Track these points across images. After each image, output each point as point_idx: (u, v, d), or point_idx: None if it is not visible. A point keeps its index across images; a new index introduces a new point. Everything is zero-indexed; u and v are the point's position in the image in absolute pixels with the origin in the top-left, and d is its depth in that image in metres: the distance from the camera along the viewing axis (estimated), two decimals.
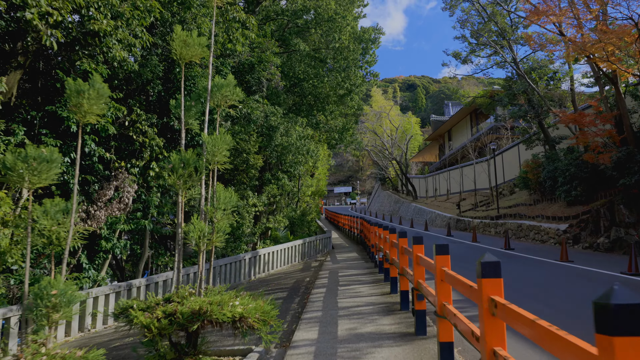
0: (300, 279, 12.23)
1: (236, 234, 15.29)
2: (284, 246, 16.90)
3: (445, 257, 4.21)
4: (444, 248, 4.23)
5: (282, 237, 19.98)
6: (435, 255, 4.28)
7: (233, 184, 15.72)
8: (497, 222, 23.74)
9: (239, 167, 14.98)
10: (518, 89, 21.83)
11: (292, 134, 15.77)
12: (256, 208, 16.50)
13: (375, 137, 56.42)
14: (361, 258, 15.77)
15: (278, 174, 17.31)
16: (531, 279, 10.28)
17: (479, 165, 34.15)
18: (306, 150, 16.57)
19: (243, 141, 14.23)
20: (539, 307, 7.18)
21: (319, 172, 26.98)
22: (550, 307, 7.23)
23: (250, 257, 14.80)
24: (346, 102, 18.85)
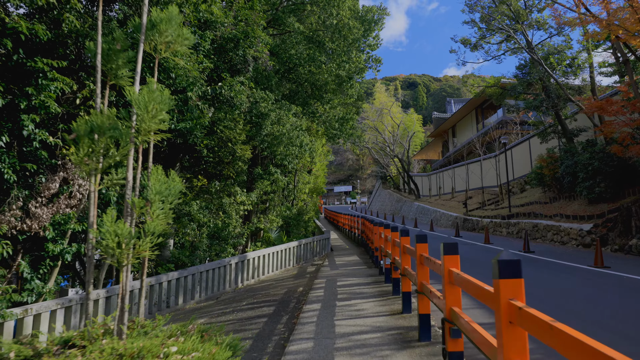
0: (293, 288, 10.44)
1: (221, 236, 13.51)
2: (276, 249, 15.12)
3: (519, 282, 2.48)
4: (514, 265, 2.51)
5: (275, 238, 18.20)
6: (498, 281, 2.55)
7: (218, 178, 13.93)
8: (509, 222, 21.95)
9: (224, 159, 13.20)
10: (533, 77, 20.02)
11: (285, 122, 13.98)
12: (245, 206, 14.71)
13: (376, 134, 54.64)
14: (363, 263, 13.99)
15: (270, 168, 15.52)
16: (571, 291, 8.50)
17: (486, 161, 32.35)
18: (300, 143, 14.78)
19: (228, 129, 12.45)
20: (605, 335, 5.39)
21: (317, 168, 25.17)
22: (626, 337, 5.43)
23: (237, 262, 13.03)
24: (345, 91, 17.06)
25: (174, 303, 10.80)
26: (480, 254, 15.04)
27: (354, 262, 14.15)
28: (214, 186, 13.07)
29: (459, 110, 43.57)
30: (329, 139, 18.43)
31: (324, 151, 26.77)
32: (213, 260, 13.48)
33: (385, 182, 65.54)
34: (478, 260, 13.52)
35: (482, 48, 21.61)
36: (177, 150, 12.57)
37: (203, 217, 12.96)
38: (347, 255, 16.67)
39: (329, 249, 19.16)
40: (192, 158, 12.98)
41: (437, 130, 51.26)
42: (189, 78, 9.05)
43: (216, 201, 13.30)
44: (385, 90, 71.71)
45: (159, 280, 10.26)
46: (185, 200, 12.60)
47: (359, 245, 21.11)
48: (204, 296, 11.73)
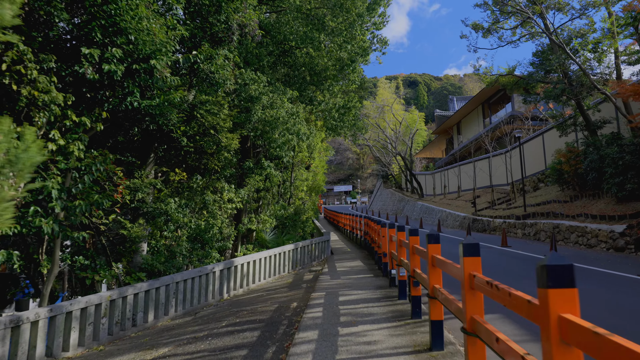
0: (285, 304, 8.62)
1: (205, 239, 11.68)
2: (269, 253, 13.30)
3: None
4: None
5: (270, 240, 16.37)
6: None
7: (201, 172, 12.10)
8: (525, 223, 20.14)
9: (207, 150, 11.36)
10: (552, 63, 18.19)
11: (279, 106, 12.16)
12: (233, 204, 12.89)
13: (378, 131, 52.82)
14: (368, 269, 12.17)
15: (262, 161, 13.69)
16: (631, 306, 6.67)
17: (496, 158, 30.53)
18: (296, 131, 12.95)
19: (210, 114, 10.62)
20: None
21: (316, 164, 23.33)
22: None
23: (222, 269, 11.22)
24: (347, 76, 15.24)
25: (143, 320, 8.97)
26: (501, 259, 13.21)
27: (357, 269, 12.32)
28: (196, 181, 11.24)
29: (464, 106, 41.75)
30: (329, 131, 16.63)
31: (323, 147, 24.93)
32: (195, 267, 11.66)
33: (387, 181, 63.71)
34: (499, 265, 11.69)
35: (497, 32, 19.78)
36: (151, 138, 10.75)
37: (183, 217, 11.15)
38: (349, 260, 14.84)
39: (328, 253, 17.33)
40: (169, 148, 11.15)
41: (441, 128, 49.44)
42: (155, 44, 7.20)
43: (198, 198, 11.47)
44: (388, 84, 70.00)
45: (122, 293, 8.43)
46: (160, 197, 10.77)
47: (361, 247, 19.29)
48: (181, 310, 9.90)
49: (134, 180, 10.01)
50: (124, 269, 10.76)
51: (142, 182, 10.17)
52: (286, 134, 11.91)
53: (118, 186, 8.97)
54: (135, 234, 10.21)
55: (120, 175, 8.87)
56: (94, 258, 9.99)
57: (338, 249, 19.29)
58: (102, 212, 8.94)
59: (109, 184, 8.85)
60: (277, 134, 11.90)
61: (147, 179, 10.51)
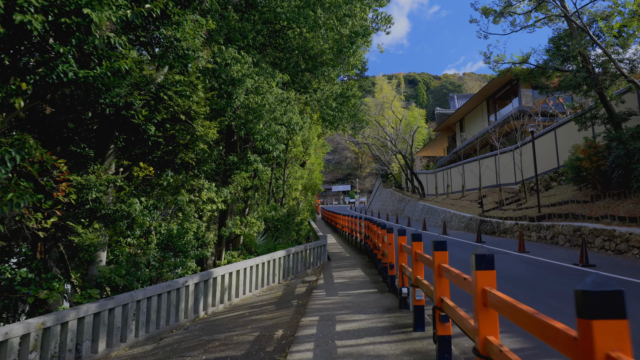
0: (268, 331, 6.83)
1: (177, 245, 9.88)
2: (256, 262, 11.52)
3: None
4: None
5: (259, 245, 14.59)
6: None
7: (174, 167, 10.29)
8: (540, 225, 18.38)
9: (179, 140, 9.55)
10: (571, 49, 16.45)
11: (266, 92, 10.36)
12: (214, 205, 11.08)
13: (377, 129, 51.06)
14: (370, 281, 10.39)
15: (248, 155, 11.88)
16: None
17: (504, 155, 28.79)
18: (287, 121, 11.16)
19: (181, 97, 8.81)
20: None
21: (312, 160, 21.53)
22: None
23: (198, 282, 9.42)
24: (346, 59, 13.46)
25: (91, 350, 7.15)
26: (522, 268, 11.44)
27: (358, 281, 10.53)
28: (166, 178, 9.44)
29: (468, 102, 40.02)
30: (326, 124, 14.85)
31: (319, 143, 23.12)
32: (166, 280, 9.86)
33: (386, 180, 61.97)
34: (522, 277, 9.91)
35: (509, 16, 18.01)
36: (111, 126, 8.94)
37: (150, 221, 9.34)
38: (348, 268, 13.06)
39: (325, 259, 15.54)
40: (133, 137, 9.34)
41: (443, 125, 47.69)
42: None
43: (170, 198, 9.67)
44: (387, 82, 68.33)
45: (61, 318, 6.62)
46: (120, 197, 8.96)
47: (361, 252, 17.51)
48: (144, 335, 8.09)
49: (87, 176, 8.21)
50: (79, 284, 8.97)
51: (96, 178, 8.36)
52: (272, 124, 10.11)
53: (60, 182, 7.18)
54: (89, 240, 8.40)
55: (63, 169, 7.08)
56: (40, 270, 8.19)
57: (336, 253, 17.51)
58: (40, 214, 7.15)
59: (47, 179, 7.05)
60: (261, 124, 10.10)
61: (104, 174, 8.71)
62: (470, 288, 3.10)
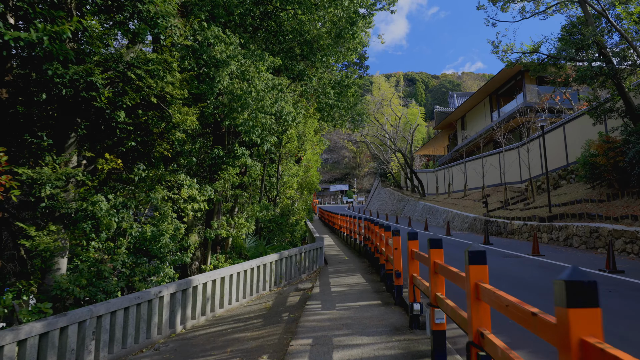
0: (250, 357, 5.59)
1: (152, 250, 8.62)
2: (244, 267, 10.28)
3: None
4: None
5: (250, 248, 13.34)
6: None
7: (147, 160, 9.01)
8: (552, 225, 17.18)
9: (152, 128, 8.28)
10: (586, 37, 15.26)
11: (253, 77, 9.11)
12: (196, 204, 9.82)
13: (376, 127, 49.85)
14: (372, 290, 9.15)
15: (235, 148, 10.62)
16: None
17: (509, 153, 27.59)
18: (278, 110, 9.92)
19: (153, 77, 7.55)
20: None
21: (308, 157, 20.27)
22: None
23: (175, 292, 8.17)
24: (346, 43, 12.20)
25: None
26: (544, 276, 10.21)
27: (358, 290, 9.29)
28: (138, 172, 8.17)
29: (470, 99, 38.85)
30: (323, 115, 13.62)
31: (316, 139, 21.85)
32: (139, 290, 8.60)
33: (385, 179, 60.77)
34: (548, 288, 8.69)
35: (519, 1, 16.82)
36: (71, 110, 7.68)
37: (119, 221, 8.09)
38: (346, 274, 11.83)
39: (321, 263, 14.31)
40: (97, 124, 8.07)
41: (443, 122, 46.49)
42: None
43: (142, 196, 8.41)
44: (386, 80, 67.18)
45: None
46: (82, 194, 7.71)
47: (360, 255, 16.29)
48: (106, 357, 6.81)
49: (40, 169, 6.94)
50: (34, 295, 7.70)
51: (52, 171, 7.09)
52: (259, 115, 8.85)
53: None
54: (44, 245, 7.14)
55: (1, 160, 5.84)
56: None
57: (333, 256, 16.28)
58: None
59: None
60: (246, 114, 8.84)
61: (62, 167, 7.44)
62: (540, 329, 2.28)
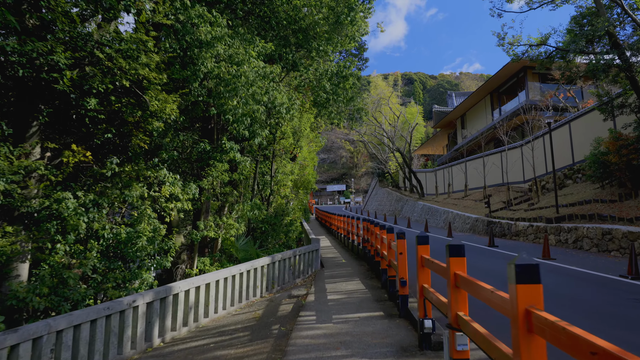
0: None
1: (127, 254, 7.70)
2: (232, 272, 9.37)
3: None
4: None
5: (240, 250, 12.42)
6: None
7: (123, 153, 8.08)
8: (560, 227, 16.34)
9: (127, 117, 7.35)
10: (598, 28, 14.42)
11: (242, 59, 8.21)
12: (179, 203, 8.91)
13: (373, 126, 48.98)
14: (373, 299, 8.25)
15: (224, 142, 9.70)
16: None
17: (512, 152, 26.76)
18: (270, 100, 9.01)
19: (125, 57, 6.62)
20: None
21: (304, 155, 19.36)
22: None
23: (152, 301, 7.25)
24: (344, 30, 11.32)
25: None
26: (561, 283, 9.33)
27: (357, 298, 8.39)
28: (111, 166, 7.25)
29: (470, 97, 38.03)
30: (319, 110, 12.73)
31: (312, 136, 20.93)
32: (112, 299, 7.67)
33: (383, 179, 59.93)
34: (568, 296, 7.78)
35: None
36: (33, 96, 6.75)
37: (89, 222, 7.17)
38: (344, 279, 10.93)
39: (317, 266, 13.41)
40: (64, 112, 7.13)
41: (443, 122, 45.67)
42: None
43: (115, 193, 7.48)
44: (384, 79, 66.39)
45: None
46: (44, 190, 6.78)
47: (359, 258, 15.41)
48: None
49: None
50: None
51: (9, 164, 6.17)
52: (250, 101, 7.95)
53: None
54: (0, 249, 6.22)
55: None
56: None
57: (330, 259, 15.39)
58: None
59: None
60: (235, 100, 7.93)
61: (24, 159, 6.52)
62: None
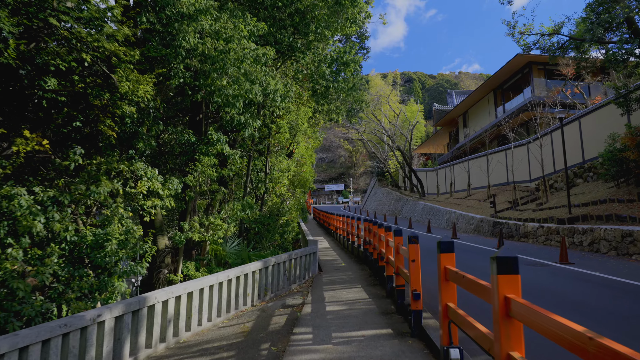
0: None
1: (94, 259, 6.63)
2: (219, 278, 8.32)
3: None
4: None
5: (230, 253, 11.36)
6: None
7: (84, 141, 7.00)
8: (574, 228, 15.33)
9: (92, 100, 6.27)
10: (617, 15, 13.43)
11: (231, 36, 7.15)
12: (159, 200, 7.85)
13: (373, 124, 47.97)
14: (378, 309, 7.19)
15: (210, 133, 8.65)
16: None
17: (517, 150, 25.75)
18: (264, 87, 7.96)
19: (87, 26, 5.56)
20: None
21: (302, 151, 18.30)
22: None
23: (121, 315, 6.18)
24: (343, 13, 10.28)
25: None
26: (590, 292, 8.30)
27: (360, 310, 7.33)
28: (74, 157, 6.20)
29: (472, 94, 37.03)
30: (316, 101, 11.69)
31: (310, 132, 19.88)
32: (77, 311, 6.61)
33: (383, 179, 58.91)
34: (606, 310, 6.72)
35: None
36: None
37: (48, 222, 6.11)
38: (344, 285, 9.88)
39: (315, 270, 12.38)
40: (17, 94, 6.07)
41: (443, 120, 44.66)
42: None
43: (80, 188, 6.42)
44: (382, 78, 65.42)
45: None
46: None
47: (359, 260, 14.38)
48: None
49: None
50: None
51: None
52: (241, 79, 6.90)
53: None
54: None
55: None
56: None
57: (328, 262, 14.35)
58: None
59: None
60: (225, 80, 6.87)
61: None
62: None
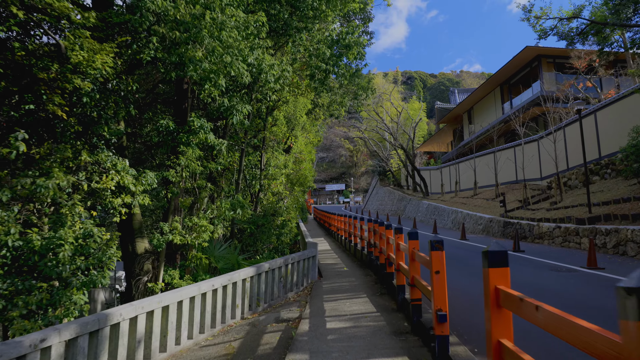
0: None
1: (42, 268, 5.42)
2: (201, 289, 7.12)
3: None
4: None
5: (220, 257, 10.16)
6: None
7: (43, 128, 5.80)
8: (595, 229, 14.11)
9: (37, 73, 5.05)
10: None
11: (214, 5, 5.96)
12: (128, 198, 6.65)
13: (374, 122, 46.77)
14: (388, 327, 5.98)
15: (191, 119, 7.44)
16: None
17: (528, 146, 24.53)
18: (255, 65, 6.77)
19: None
20: None
21: (300, 147, 17.08)
22: None
23: (74, 338, 4.95)
24: None
25: None
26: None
27: (367, 328, 6.12)
28: (15, 145, 5.02)
29: (477, 91, 35.82)
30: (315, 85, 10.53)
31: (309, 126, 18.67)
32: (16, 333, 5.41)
33: (384, 178, 57.70)
34: None
35: None
36: None
37: None
38: (347, 295, 8.68)
39: (314, 276, 11.18)
40: None
41: (447, 118, 43.46)
42: None
43: (24, 181, 5.23)
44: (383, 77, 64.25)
45: None
46: None
47: (363, 264, 13.19)
48: None
49: None
50: None
51: None
52: (218, 49, 5.71)
53: None
54: None
55: None
56: None
57: (329, 266, 13.15)
58: None
59: None
60: (200, 52, 5.68)
61: None
62: None
